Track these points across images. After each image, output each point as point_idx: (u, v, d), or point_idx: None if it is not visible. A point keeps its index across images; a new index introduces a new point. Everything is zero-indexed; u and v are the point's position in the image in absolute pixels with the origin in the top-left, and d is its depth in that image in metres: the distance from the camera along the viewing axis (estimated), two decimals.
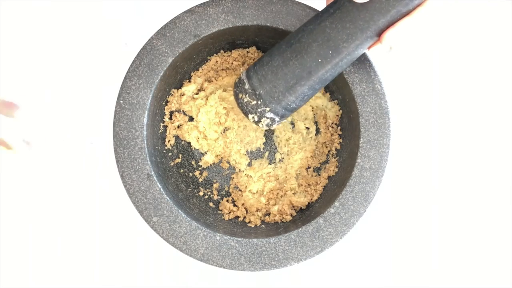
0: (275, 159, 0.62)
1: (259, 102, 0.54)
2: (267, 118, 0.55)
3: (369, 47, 0.50)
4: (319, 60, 0.50)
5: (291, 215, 0.59)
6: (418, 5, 0.46)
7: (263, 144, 0.62)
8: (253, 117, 0.55)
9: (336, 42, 0.49)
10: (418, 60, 0.68)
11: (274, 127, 0.57)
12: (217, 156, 0.62)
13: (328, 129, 0.61)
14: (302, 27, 0.51)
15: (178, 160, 0.61)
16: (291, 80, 0.51)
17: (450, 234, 0.66)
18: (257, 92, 0.53)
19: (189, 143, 0.61)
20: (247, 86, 0.54)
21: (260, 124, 0.56)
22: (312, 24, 0.50)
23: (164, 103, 0.59)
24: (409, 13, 0.46)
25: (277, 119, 0.55)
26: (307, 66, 0.50)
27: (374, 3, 0.46)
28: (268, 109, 0.54)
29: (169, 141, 0.60)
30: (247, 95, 0.54)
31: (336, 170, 0.59)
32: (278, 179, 0.61)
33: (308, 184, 0.60)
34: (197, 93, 0.61)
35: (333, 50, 0.49)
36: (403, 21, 0.47)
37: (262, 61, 0.53)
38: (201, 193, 0.61)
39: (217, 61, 0.60)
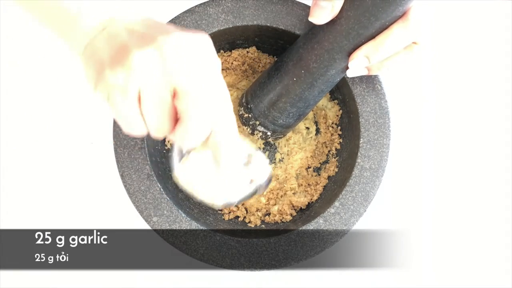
0: (275, 159, 0.62)
1: (249, 116, 0.56)
2: (259, 131, 0.57)
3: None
4: (294, 79, 0.51)
5: (291, 215, 0.59)
6: (382, 29, 0.46)
7: (263, 144, 0.62)
8: (247, 129, 0.58)
9: (306, 62, 0.50)
10: (418, 60, 0.68)
11: (270, 140, 0.59)
12: None
13: (328, 129, 0.61)
14: (290, 46, 0.53)
15: None
16: (274, 97, 0.53)
17: (449, 234, 0.66)
18: (249, 106, 0.56)
19: None
20: (243, 100, 0.57)
21: (255, 137, 0.58)
22: (294, 44, 0.53)
23: None
24: (374, 37, 0.46)
25: (268, 133, 0.57)
26: (285, 84, 0.52)
27: (336, 25, 0.47)
28: (257, 122, 0.56)
29: (169, 141, 0.60)
30: (242, 108, 0.57)
31: (336, 170, 0.59)
32: (278, 179, 0.61)
33: (308, 184, 0.60)
34: None
35: (305, 70, 0.50)
36: (367, 44, 0.47)
37: (258, 78, 0.56)
38: None
39: None
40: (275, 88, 0.53)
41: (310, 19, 0.48)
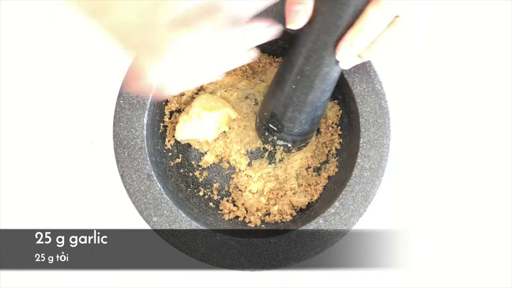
0: (275, 159, 0.62)
1: (266, 133, 0.57)
2: (280, 145, 0.57)
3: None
4: (293, 87, 0.52)
5: (291, 215, 0.59)
6: (358, 13, 0.46)
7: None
8: (268, 147, 0.59)
9: (298, 67, 0.51)
10: (418, 61, 0.68)
11: (294, 151, 0.60)
12: (217, 156, 0.62)
13: (328, 129, 0.61)
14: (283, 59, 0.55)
15: (178, 160, 0.61)
16: (281, 108, 0.54)
17: (449, 234, 0.66)
18: (264, 123, 0.56)
19: (189, 143, 0.61)
20: (257, 121, 0.58)
21: (278, 152, 0.60)
22: (285, 55, 0.54)
23: (164, 103, 0.59)
24: (353, 24, 0.47)
25: (289, 145, 0.57)
26: (286, 94, 0.53)
27: (314, 24, 0.48)
28: (276, 138, 0.56)
29: (169, 141, 0.60)
30: (259, 128, 0.58)
31: (336, 170, 0.59)
32: (278, 179, 0.61)
33: (308, 184, 0.60)
34: (197, 93, 0.61)
35: (300, 75, 0.51)
36: (347, 33, 0.47)
37: (264, 97, 0.57)
38: (201, 193, 0.61)
39: None
40: (280, 101, 0.53)
41: (288, 26, 0.48)
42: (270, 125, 0.56)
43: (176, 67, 0.43)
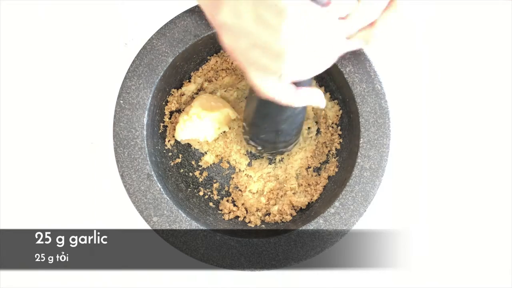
0: (275, 159, 0.62)
1: (243, 131, 0.58)
2: (252, 145, 0.58)
3: None
4: (252, 95, 0.52)
5: (291, 215, 0.59)
6: None
7: None
8: (244, 144, 0.61)
9: None
10: (418, 60, 0.68)
11: (266, 155, 0.61)
12: (217, 156, 0.62)
13: (328, 129, 0.61)
14: None
15: (178, 160, 0.61)
16: (250, 113, 0.55)
17: (449, 234, 0.66)
18: (243, 122, 0.58)
19: (189, 143, 0.62)
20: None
21: (252, 150, 0.61)
22: None
23: (164, 103, 0.59)
24: None
25: (259, 147, 0.58)
26: (251, 100, 0.54)
27: None
28: (248, 137, 0.57)
29: (169, 141, 0.60)
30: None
31: (336, 170, 0.59)
32: (278, 179, 0.61)
33: (308, 184, 0.60)
34: (197, 93, 0.61)
35: None
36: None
37: None
38: (201, 193, 0.61)
39: (217, 61, 0.60)
40: (248, 106, 0.55)
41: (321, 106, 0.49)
42: (244, 124, 0.57)
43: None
